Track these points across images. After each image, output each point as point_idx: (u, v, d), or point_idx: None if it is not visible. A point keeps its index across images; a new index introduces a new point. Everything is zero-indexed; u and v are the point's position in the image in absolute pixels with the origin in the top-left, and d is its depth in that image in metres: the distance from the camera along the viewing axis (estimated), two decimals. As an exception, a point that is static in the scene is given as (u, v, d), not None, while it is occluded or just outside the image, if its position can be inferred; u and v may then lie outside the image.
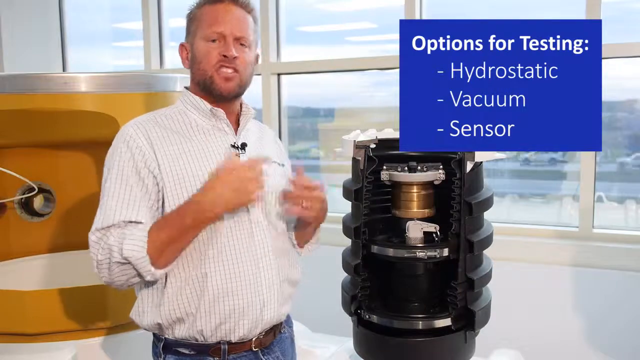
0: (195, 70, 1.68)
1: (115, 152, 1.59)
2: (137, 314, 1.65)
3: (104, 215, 1.54)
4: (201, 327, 1.59)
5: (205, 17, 1.66)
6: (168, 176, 1.57)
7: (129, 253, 1.47)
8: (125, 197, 1.54)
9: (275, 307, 1.67)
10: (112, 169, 1.57)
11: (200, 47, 1.65)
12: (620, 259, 3.10)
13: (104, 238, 1.51)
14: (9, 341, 2.32)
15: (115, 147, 1.60)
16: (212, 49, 1.64)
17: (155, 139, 1.59)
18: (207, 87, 1.66)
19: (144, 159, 1.56)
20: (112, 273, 1.51)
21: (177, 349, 1.63)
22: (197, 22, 1.67)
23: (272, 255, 1.67)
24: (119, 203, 1.54)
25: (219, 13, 1.65)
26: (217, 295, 1.58)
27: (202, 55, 1.65)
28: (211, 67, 1.64)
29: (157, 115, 1.67)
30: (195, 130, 1.66)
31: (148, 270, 1.50)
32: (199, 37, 1.66)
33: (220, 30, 1.64)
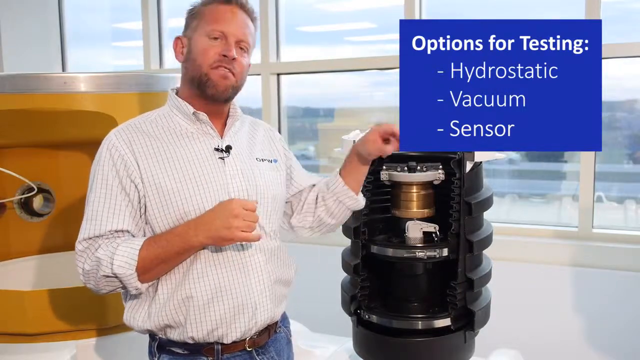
0: (189, 65, 1.64)
1: (99, 161, 1.58)
2: (128, 319, 1.65)
3: (90, 225, 1.55)
4: (192, 334, 1.59)
5: (209, 15, 1.64)
6: (150, 186, 1.56)
7: (119, 270, 1.49)
8: (109, 206, 1.55)
9: (268, 309, 1.66)
10: (96, 179, 1.57)
11: (199, 43, 1.62)
12: (619, 259, 3.10)
13: (91, 248, 1.53)
14: (8, 341, 2.32)
15: (99, 155, 1.60)
16: (212, 47, 1.61)
17: (138, 147, 1.58)
18: (200, 84, 1.62)
19: (125, 168, 1.56)
20: (99, 283, 1.53)
21: (170, 348, 1.63)
22: (199, 18, 1.65)
23: (262, 258, 1.65)
24: (104, 213, 1.54)
25: (225, 13, 1.64)
26: (205, 304, 1.57)
27: (200, 51, 1.62)
28: (208, 64, 1.61)
29: (141, 121, 1.65)
30: (179, 134, 1.64)
31: (135, 286, 1.53)
32: (199, 33, 1.63)
33: (224, 29, 1.62)
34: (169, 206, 1.56)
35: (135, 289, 1.54)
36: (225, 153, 1.64)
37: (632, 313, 3.06)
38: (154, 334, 1.64)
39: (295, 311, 1.85)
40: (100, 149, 1.61)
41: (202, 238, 1.50)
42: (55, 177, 2.85)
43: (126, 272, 1.49)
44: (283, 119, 4.14)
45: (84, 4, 5.10)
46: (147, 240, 1.53)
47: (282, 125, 4.14)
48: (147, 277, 1.54)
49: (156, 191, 1.56)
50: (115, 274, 1.49)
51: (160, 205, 1.56)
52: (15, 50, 4.61)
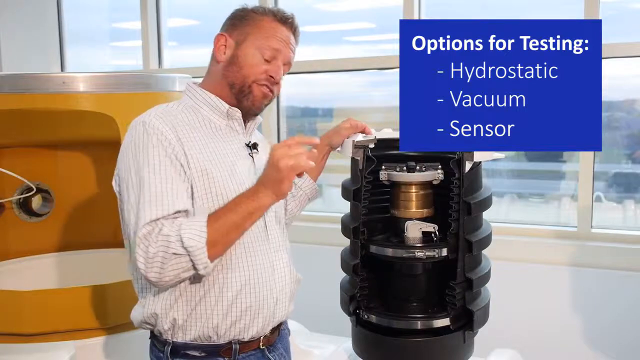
0: (232, 71, 1.65)
1: (145, 146, 1.53)
2: (146, 317, 1.61)
3: (153, 207, 1.47)
4: (217, 323, 1.58)
5: (266, 28, 1.65)
6: (197, 171, 1.55)
7: (190, 242, 1.42)
8: (171, 187, 1.50)
9: (286, 305, 1.70)
10: (146, 163, 1.51)
11: (250, 55, 1.64)
12: (618, 258, 3.10)
13: (155, 230, 1.45)
14: (7, 341, 2.32)
15: (144, 139, 1.54)
16: (262, 64, 1.64)
17: (182, 134, 1.57)
18: (240, 93, 1.65)
19: (174, 151, 1.53)
20: (165, 267, 1.44)
21: (186, 351, 1.61)
22: (254, 26, 1.65)
23: (285, 256, 1.70)
24: (167, 194, 1.49)
25: (281, 33, 1.66)
26: (236, 293, 1.58)
27: (250, 64, 1.63)
28: (254, 79, 1.64)
29: (173, 110, 1.63)
30: (213, 127, 1.65)
31: (204, 262, 1.46)
32: (251, 43, 1.64)
33: (278, 48, 1.65)
34: (212, 193, 1.56)
35: (203, 267, 1.46)
36: (255, 150, 1.70)
37: (630, 313, 3.06)
38: (170, 336, 1.61)
39: (294, 311, 1.85)
40: (140, 134, 1.54)
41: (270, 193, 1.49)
42: (54, 177, 2.85)
43: (197, 244, 1.43)
44: (282, 118, 4.14)
45: (83, 4, 5.10)
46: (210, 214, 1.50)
47: (281, 125, 4.14)
48: (215, 251, 1.47)
49: (202, 177, 1.55)
50: (186, 248, 1.43)
51: (204, 192, 1.55)
52: (14, 50, 4.60)
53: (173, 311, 1.58)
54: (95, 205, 2.92)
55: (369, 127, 1.89)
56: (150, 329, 1.67)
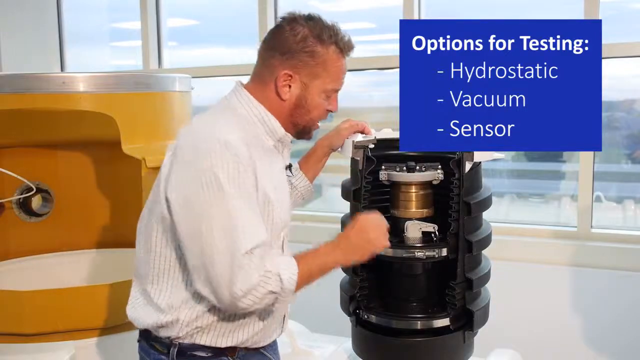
0: (300, 113, 1.61)
1: (235, 169, 1.45)
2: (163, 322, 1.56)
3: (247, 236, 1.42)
4: (243, 338, 1.59)
5: (334, 72, 1.62)
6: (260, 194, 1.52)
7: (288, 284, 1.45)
8: (256, 215, 1.47)
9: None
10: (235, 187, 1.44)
11: (317, 99, 1.61)
12: (618, 258, 3.10)
13: (254, 260, 1.42)
14: (7, 341, 2.32)
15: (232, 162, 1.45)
16: (324, 104, 1.64)
17: (255, 158, 1.50)
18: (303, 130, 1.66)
19: (254, 173, 1.49)
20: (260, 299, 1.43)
21: (193, 352, 1.58)
22: (324, 67, 1.60)
23: None
24: (254, 222, 1.46)
25: (344, 70, 1.65)
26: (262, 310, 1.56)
27: (315, 109, 1.62)
28: (318, 119, 1.66)
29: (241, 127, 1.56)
30: (262, 146, 1.59)
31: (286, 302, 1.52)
32: (319, 88, 1.61)
33: (339, 88, 1.66)
34: (269, 215, 1.54)
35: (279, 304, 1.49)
36: (289, 172, 1.72)
37: (631, 313, 3.06)
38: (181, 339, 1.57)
39: (294, 311, 1.85)
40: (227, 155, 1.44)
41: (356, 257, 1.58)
42: (54, 177, 2.85)
43: (291, 287, 1.45)
44: (282, 118, 4.13)
45: (83, 4, 5.09)
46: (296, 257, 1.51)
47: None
48: None
49: (263, 200, 1.52)
50: (283, 289, 1.43)
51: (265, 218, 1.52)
52: (14, 50, 4.60)
53: (199, 320, 1.55)
54: (95, 205, 2.92)
55: (368, 126, 1.89)
56: (160, 333, 1.59)
